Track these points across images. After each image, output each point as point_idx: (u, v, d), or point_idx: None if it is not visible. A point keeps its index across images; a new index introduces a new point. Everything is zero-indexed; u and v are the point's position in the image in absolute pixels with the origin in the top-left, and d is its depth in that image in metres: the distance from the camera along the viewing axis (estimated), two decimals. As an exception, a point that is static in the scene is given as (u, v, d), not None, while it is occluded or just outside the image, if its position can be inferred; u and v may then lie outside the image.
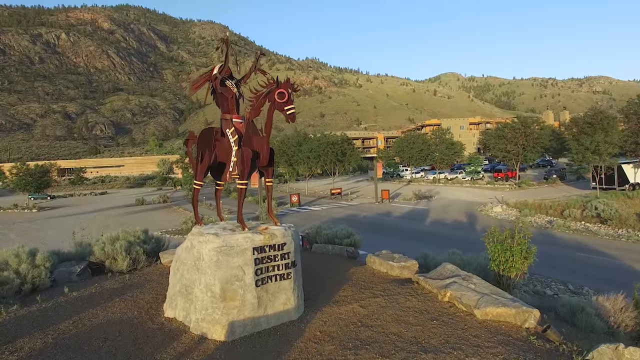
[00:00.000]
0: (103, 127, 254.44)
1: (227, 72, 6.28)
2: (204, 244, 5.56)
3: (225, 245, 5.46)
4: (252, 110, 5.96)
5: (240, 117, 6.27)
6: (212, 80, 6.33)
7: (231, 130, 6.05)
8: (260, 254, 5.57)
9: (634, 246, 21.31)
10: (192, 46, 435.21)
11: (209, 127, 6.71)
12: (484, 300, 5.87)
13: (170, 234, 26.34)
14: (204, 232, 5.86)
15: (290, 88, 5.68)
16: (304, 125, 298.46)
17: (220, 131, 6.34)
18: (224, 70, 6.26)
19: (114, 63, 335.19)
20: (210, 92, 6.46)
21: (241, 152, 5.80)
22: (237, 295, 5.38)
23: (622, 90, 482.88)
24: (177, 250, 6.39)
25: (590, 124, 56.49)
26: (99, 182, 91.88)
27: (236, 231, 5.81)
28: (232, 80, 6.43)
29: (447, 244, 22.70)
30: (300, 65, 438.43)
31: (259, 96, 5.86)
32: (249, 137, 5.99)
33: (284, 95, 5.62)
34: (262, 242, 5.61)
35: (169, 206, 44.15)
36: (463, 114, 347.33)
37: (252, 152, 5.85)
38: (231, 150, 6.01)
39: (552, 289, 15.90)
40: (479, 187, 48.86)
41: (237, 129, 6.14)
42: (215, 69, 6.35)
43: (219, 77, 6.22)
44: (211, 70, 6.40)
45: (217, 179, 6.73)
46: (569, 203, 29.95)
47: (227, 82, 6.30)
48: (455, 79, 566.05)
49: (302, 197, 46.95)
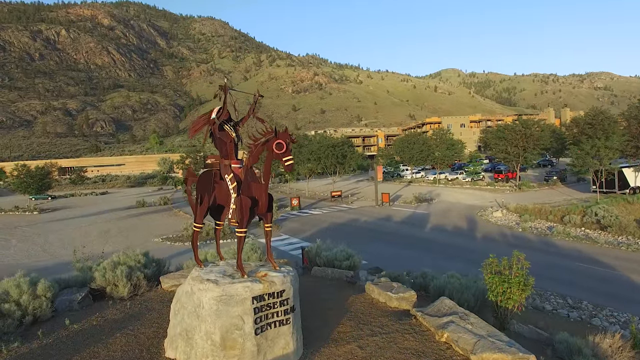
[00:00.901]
0: (103, 124, 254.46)
1: (225, 116, 6.31)
2: (204, 292, 5.61)
3: (225, 295, 5.52)
4: (250, 157, 6.00)
5: (239, 162, 6.31)
6: (211, 125, 6.36)
7: (230, 177, 6.10)
8: (260, 302, 5.63)
9: (633, 255, 21.37)
10: (192, 42, 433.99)
11: (208, 169, 6.74)
12: (481, 345, 5.92)
13: (171, 241, 26.49)
14: (203, 277, 5.91)
15: (288, 139, 5.72)
16: (305, 122, 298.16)
17: (219, 174, 6.38)
18: (222, 115, 6.28)
19: (114, 59, 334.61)
20: (208, 134, 6.50)
21: (240, 200, 5.85)
22: (236, 344, 5.44)
23: (624, 86, 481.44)
24: (178, 291, 6.44)
25: (590, 124, 56.51)
26: (100, 182, 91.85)
27: (236, 277, 5.87)
28: (230, 122, 6.46)
29: (447, 253, 22.80)
30: (301, 61, 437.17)
31: (257, 144, 5.90)
32: (247, 184, 6.03)
33: (282, 146, 5.66)
34: (261, 290, 5.66)
35: (170, 209, 44.21)
36: (464, 110, 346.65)
37: (251, 200, 5.90)
38: (230, 195, 6.06)
39: (551, 303, 15.98)
40: (479, 188, 48.88)
41: (236, 174, 6.18)
42: (214, 112, 6.37)
43: (217, 122, 6.25)
44: (209, 113, 6.42)
45: (217, 219, 6.78)
46: (569, 209, 29.99)
47: (225, 127, 6.33)
48: (456, 75, 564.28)
49: (302, 199, 47.02)
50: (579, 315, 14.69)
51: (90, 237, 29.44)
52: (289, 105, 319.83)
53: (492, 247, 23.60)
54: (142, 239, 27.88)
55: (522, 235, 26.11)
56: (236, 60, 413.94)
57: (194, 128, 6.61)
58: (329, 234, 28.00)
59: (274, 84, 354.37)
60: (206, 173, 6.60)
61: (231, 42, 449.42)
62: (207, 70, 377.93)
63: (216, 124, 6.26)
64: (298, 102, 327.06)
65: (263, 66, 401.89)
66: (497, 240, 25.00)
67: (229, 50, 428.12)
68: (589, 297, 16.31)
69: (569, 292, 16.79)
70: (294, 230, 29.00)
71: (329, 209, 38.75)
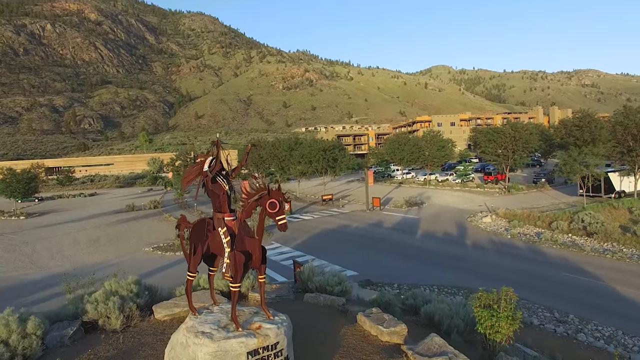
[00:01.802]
0: (91, 121, 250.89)
1: (218, 168, 6.31)
2: (199, 347, 5.65)
3: (220, 350, 5.56)
4: (243, 211, 6.02)
5: (232, 215, 6.33)
6: (204, 177, 6.36)
7: (223, 230, 6.12)
8: (255, 356, 5.67)
9: (617, 264, 21.83)
10: (182, 38, 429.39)
11: (201, 218, 6.74)
12: (471, 392, 6.05)
13: (162, 251, 26.38)
14: (198, 329, 5.94)
15: (282, 198, 5.76)
16: (295, 119, 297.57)
17: (213, 225, 6.39)
18: (214, 168, 6.28)
19: (101, 55, 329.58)
20: (201, 186, 6.50)
21: (234, 255, 5.88)
22: (231, 398, 5.50)
23: (610, 83, 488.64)
24: (172, 339, 6.46)
25: (578, 126, 57.39)
26: (88, 182, 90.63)
27: (230, 330, 5.90)
28: (223, 172, 6.46)
29: (437, 261, 23.06)
30: (291, 57, 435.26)
31: (250, 200, 5.93)
32: (241, 237, 6.06)
33: (276, 205, 5.69)
34: (255, 345, 5.71)
35: (160, 213, 43.93)
36: (454, 107, 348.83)
37: (245, 254, 5.93)
38: (224, 247, 6.09)
39: (538, 317, 16.30)
40: (469, 190, 49.37)
41: (230, 227, 6.20)
42: (206, 164, 6.36)
43: (209, 174, 6.25)
44: (202, 165, 6.41)
45: (210, 265, 6.80)
46: (557, 214, 30.48)
47: (218, 179, 6.33)
48: (446, 71, 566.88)
49: (293, 202, 47.05)
50: (565, 330, 15.01)
51: (80, 246, 29.16)
52: (280, 102, 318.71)
53: (481, 255, 23.95)
54: (133, 248, 27.71)
55: (511, 242, 26.49)
56: (226, 56, 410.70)
57: (186, 179, 6.59)
58: (320, 242, 28.14)
59: (265, 80, 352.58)
60: (199, 223, 6.61)
61: (221, 38, 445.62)
62: (196, 67, 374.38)
63: (209, 177, 6.26)
64: (289, 98, 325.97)
65: (253, 62, 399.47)
66: (487, 248, 25.33)
67: (219, 46, 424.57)
68: (575, 310, 16.67)
69: (556, 305, 17.14)
70: (285, 238, 29.05)
71: (320, 214, 38.84)
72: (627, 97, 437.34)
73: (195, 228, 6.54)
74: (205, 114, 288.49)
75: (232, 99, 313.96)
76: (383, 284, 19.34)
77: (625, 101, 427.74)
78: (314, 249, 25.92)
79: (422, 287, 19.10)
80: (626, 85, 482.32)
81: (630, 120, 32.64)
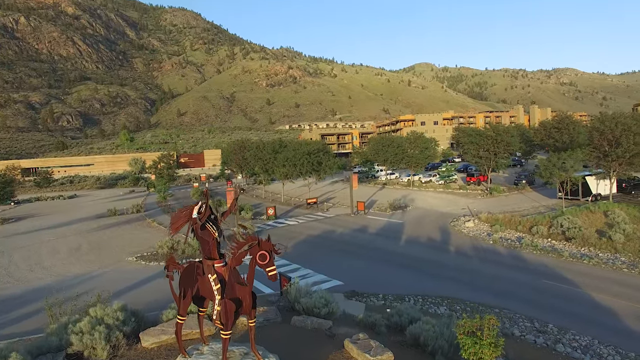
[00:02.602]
0: (70, 118, 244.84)
1: (207, 215, 6.30)
2: (188, 396, 5.67)
3: (210, 395, 5.60)
4: (233, 259, 6.03)
5: (222, 261, 6.31)
6: (193, 223, 6.34)
7: (213, 277, 6.11)
8: (244, 404, 5.72)
9: (593, 270, 22.51)
10: (164, 34, 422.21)
11: (191, 262, 6.70)
12: None
13: (145, 261, 26.02)
14: (187, 374, 5.95)
15: (272, 249, 5.80)
16: (279, 116, 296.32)
17: (202, 269, 6.37)
18: (204, 216, 6.27)
19: (80, 50, 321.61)
20: (190, 231, 6.47)
21: (225, 303, 5.88)
22: None
23: (587, 82, 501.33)
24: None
25: (557, 128, 58.96)
26: (68, 183, 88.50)
27: (220, 374, 5.94)
28: (212, 216, 6.44)
29: (421, 269, 23.39)
30: (275, 54, 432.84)
31: (239, 251, 5.94)
32: (231, 284, 6.06)
33: (266, 257, 5.73)
34: (244, 392, 5.76)
35: (143, 218, 43.27)
36: (436, 105, 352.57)
37: (235, 302, 5.94)
38: (214, 293, 6.08)
39: (519, 327, 16.72)
40: (452, 192, 50.09)
41: (219, 273, 6.19)
42: (195, 210, 6.34)
43: (199, 222, 6.23)
44: (191, 210, 6.39)
45: (200, 306, 6.79)
46: (537, 219, 31.23)
47: (207, 225, 6.31)
48: (429, 69, 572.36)
49: (277, 205, 46.99)
50: (545, 341, 15.45)
51: (60, 256, 28.53)
52: (263, 99, 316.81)
53: (464, 262, 24.39)
54: (115, 257, 27.26)
55: (493, 248, 27.04)
56: (209, 52, 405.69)
57: (175, 225, 6.54)
58: (305, 249, 28.19)
59: (248, 77, 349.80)
60: (189, 267, 6.59)
61: (204, 34, 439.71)
62: (179, 63, 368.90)
63: (198, 224, 6.25)
64: (272, 95, 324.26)
65: (236, 59, 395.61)
66: (469, 254, 25.80)
67: (202, 42, 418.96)
68: (555, 319, 17.16)
69: (536, 314, 17.60)
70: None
71: (305, 218, 38.89)
72: (602, 96, 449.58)
73: (185, 272, 6.52)
74: (188, 111, 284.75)
75: (215, 96, 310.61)
76: (368, 295, 19.52)
77: (601, 100, 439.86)
78: (299, 257, 25.97)
79: (407, 297, 19.41)
80: (602, 84, 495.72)
81: (606, 126, 33.63)
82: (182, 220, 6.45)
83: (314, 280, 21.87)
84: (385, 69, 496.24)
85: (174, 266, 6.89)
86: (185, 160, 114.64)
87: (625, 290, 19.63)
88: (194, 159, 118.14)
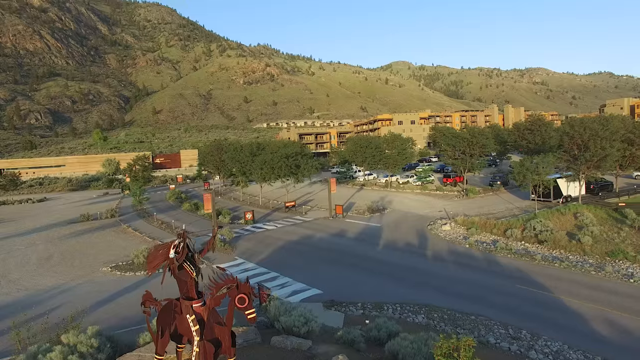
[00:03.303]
0: (38, 116, 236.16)
1: (184, 256, 6.16)
2: None
3: None
4: (212, 300, 5.92)
5: (201, 301, 6.19)
6: (170, 263, 6.20)
7: (192, 318, 5.98)
8: None
9: (564, 274, 23.28)
10: (137, 29, 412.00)
11: (168, 300, 6.54)
12: None
13: (121, 271, 25.40)
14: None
15: (251, 292, 5.73)
16: (257, 114, 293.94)
17: (180, 307, 6.24)
18: (181, 256, 6.12)
19: (48, 45, 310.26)
20: (167, 271, 6.32)
21: (204, 345, 5.77)
22: None
23: (558, 81, 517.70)
24: None
25: (530, 130, 60.74)
26: (37, 185, 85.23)
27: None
28: (189, 254, 6.30)
29: (398, 276, 23.62)
30: (252, 51, 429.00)
31: (218, 290, 5.83)
32: (210, 325, 5.96)
33: (245, 300, 5.66)
34: None
35: (118, 223, 42.18)
36: (413, 103, 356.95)
37: (214, 343, 5.84)
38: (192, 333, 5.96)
39: (494, 334, 17.13)
40: (429, 194, 50.84)
41: (198, 313, 6.07)
42: (171, 250, 6.19)
43: (176, 262, 6.09)
44: (167, 249, 6.24)
45: (178, 342, 6.66)
46: (511, 222, 32.07)
47: (185, 265, 6.18)
48: (406, 67, 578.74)
49: (255, 208, 46.66)
50: (519, 348, 15.88)
51: (29, 266, 27.51)
52: (241, 97, 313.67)
53: (441, 268, 24.81)
54: (89, 268, 26.48)
55: (469, 252, 27.59)
56: (185, 49, 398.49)
57: (151, 264, 6.38)
58: (284, 256, 28.06)
59: (225, 75, 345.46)
60: (167, 306, 6.44)
61: (179, 30, 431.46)
62: (153, 60, 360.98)
63: (175, 264, 6.11)
64: (250, 93, 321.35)
65: (213, 56, 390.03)
66: (446, 259, 26.26)
67: (177, 38, 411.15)
68: (528, 324, 17.66)
69: (510, 320, 18.07)
70: (249, 252, 28.79)
71: (283, 222, 38.72)
72: (572, 95, 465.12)
73: (163, 312, 6.39)
74: (164, 109, 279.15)
75: (191, 93, 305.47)
76: (347, 304, 19.60)
77: (571, 99, 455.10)
78: (278, 265, 25.88)
79: (386, 305, 19.58)
80: (571, 84, 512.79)
81: (575, 131, 34.87)
82: (158, 259, 6.30)
83: (293, 289, 21.85)
84: (362, 67, 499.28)
85: (151, 302, 6.73)
86: (161, 160, 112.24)
87: (592, 293, 20.38)
88: (170, 159, 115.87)
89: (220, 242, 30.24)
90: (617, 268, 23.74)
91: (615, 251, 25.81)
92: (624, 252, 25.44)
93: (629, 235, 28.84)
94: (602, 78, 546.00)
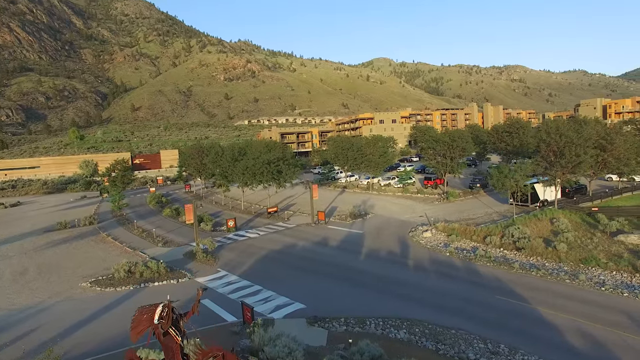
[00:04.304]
0: (9, 113, 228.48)
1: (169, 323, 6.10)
2: None
3: None
4: None
5: (186, 365, 6.18)
6: (154, 329, 6.14)
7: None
8: None
9: (540, 283, 23.92)
10: (114, 24, 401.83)
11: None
12: None
13: (101, 286, 24.95)
14: None
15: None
16: (238, 111, 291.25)
17: None
18: (166, 322, 6.07)
19: (18, 38, 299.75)
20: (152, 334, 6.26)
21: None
22: None
23: (535, 79, 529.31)
24: None
25: (508, 132, 62.08)
26: (9, 188, 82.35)
27: None
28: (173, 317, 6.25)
29: (380, 288, 23.89)
30: (233, 47, 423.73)
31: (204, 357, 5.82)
32: None
33: (231, 371, 5.68)
34: None
35: (97, 231, 41.27)
36: (394, 100, 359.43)
37: None
38: None
39: (474, 349, 17.52)
40: (410, 197, 51.41)
41: (185, 379, 6.07)
42: (156, 315, 6.13)
43: (161, 330, 6.05)
44: (152, 313, 6.18)
45: None
46: (490, 229, 32.78)
47: (170, 330, 6.14)
48: (387, 64, 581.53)
49: (237, 214, 46.38)
50: None
51: (2, 283, 26.68)
52: (221, 94, 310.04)
53: (423, 279, 25.19)
54: (67, 283, 25.87)
55: (449, 261, 28.08)
56: (164, 45, 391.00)
57: (135, 330, 6.30)
58: (267, 267, 27.98)
59: (205, 71, 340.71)
60: None
61: (158, 25, 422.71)
62: (131, 55, 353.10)
63: (160, 330, 6.06)
64: (230, 90, 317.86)
65: (193, 52, 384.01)
66: (428, 269, 26.67)
67: (156, 33, 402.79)
68: (506, 338, 18.11)
69: (489, 334, 18.49)
70: (232, 264, 28.63)
71: (266, 230, 38.61)
72: (549, 92, 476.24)
73: None
74: (143, 105, 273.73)
75: (171, 90, 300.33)
76: (331, 319, 19.73)
77: (547, 96, 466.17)
78: (261, 277, 25.85)
79: (368, 320, 19.80)
80: (548, 82, 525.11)
81: (551, 138, 35.82)
82: (143, 325, 6.24)
83: (277, 304, 21.87)
84: (344, 64, 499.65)
85: (134, 361, 6.68)
86: (140, 161, 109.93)
87: (567, 303, 21.00)
88: (150, 160, 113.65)
89: (203, 254, 29.99)
90: (589, 276, 24.51)
91: (588, 258, 26.64)
92: (596, 259, 26.28)
93: (601, 241, 29.86)
94: (577, 76, 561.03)
